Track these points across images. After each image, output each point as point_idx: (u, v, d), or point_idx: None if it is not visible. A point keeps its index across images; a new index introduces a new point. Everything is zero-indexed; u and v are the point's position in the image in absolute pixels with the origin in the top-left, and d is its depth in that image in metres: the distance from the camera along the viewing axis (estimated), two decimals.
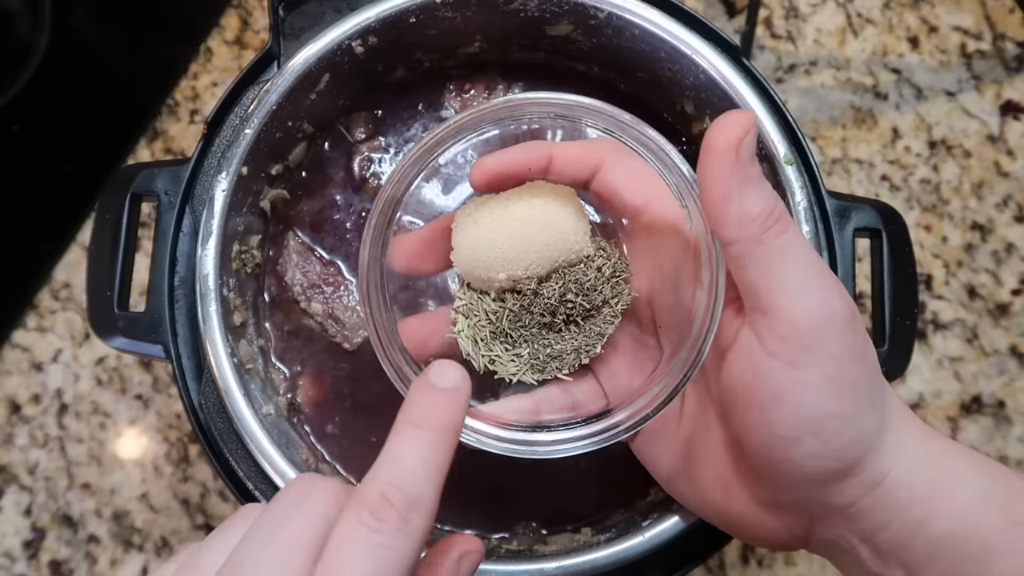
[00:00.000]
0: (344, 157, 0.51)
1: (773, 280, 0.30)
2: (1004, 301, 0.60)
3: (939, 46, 0.65)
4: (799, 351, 0.30)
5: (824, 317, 0.30)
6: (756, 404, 0.31)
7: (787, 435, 0.31)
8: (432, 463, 0.28)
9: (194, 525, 0.56)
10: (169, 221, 0.45)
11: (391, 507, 0.26)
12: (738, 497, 0.34)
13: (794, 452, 0.31)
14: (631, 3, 0.46)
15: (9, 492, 0.57)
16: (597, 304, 0.37)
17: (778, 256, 0.30)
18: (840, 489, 0.32)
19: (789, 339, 0.30)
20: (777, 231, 0.30)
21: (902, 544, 0.31)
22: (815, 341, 0.30)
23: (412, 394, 0.30)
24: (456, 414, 0.29)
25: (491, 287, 0.37)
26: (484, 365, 0.37)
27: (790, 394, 0.30)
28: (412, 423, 0.29)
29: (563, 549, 0.42)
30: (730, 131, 0.30)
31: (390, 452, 0.28)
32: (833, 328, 0.30)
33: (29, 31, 0.63)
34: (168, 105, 0.63)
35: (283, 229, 0.50)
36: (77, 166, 0.62)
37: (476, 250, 0.36)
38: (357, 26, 0.46)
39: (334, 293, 0.49)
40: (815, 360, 0.30)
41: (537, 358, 0.37)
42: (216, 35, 0.65)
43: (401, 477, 0.27)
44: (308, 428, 0.47)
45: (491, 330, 0.37)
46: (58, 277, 0.60)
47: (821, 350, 0.30)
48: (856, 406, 0.31)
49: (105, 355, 0.59)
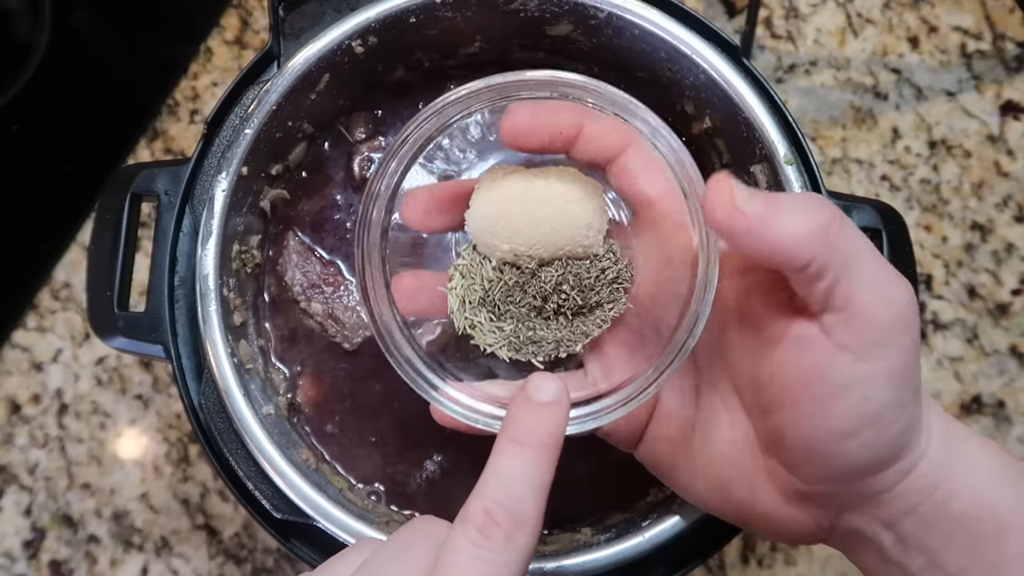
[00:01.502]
0: (344, 157, 0.51)
1: (847, 278, 0.29)
2: (1004, 301, 0.60)
3: (939, 46, 0.65)
4: (874, 345, 0.30)
5: (902, 309, 0.30)
6: (813, 397, 0.30)
7: (845, 427, 0.30)
8: (535, 480, 0.29)
9: (194, 525, 0.56)
10: (169, 221, 0.45)
11: (496, 525, 0.27)
12: (764, 492, 0.34)
13: (850, 444, 0.30)
14: (631, 3, 0.46)
15: (9, 492, 0.57)
16: (591, 304, 0.37)
17: (849, 254, 0.29)
18: (881, 478, 0.32)
19: (866, 333, 0.30)
20: (837, 227, 0.29)
21: (926, 527, 0.32)
22: (892, 334, 0.30)
23: (513, 409, 0.30)
24: (558, 429, 0.30)
25: (494, 255, 0.37)
26: (464, 327, 0.37)
27: (857, 387, 0.30)
28: (514, 440, 0.29)
29: (563, 549, 0.42)
30: (716, 196, 0.30)
31: (493, 469, 0.29)
32: (908, 319, 0.30)
33: (29, 31, 0.63)
34: (168, 105, 0.63)
35: (283, 229, 0.50)
36: (77, 166, 0.62)
37: (489, 214, 0.36)
38: (357, 26, 0.46)
39: (334, 293, 0.49)
40: (887, 353, 0.30)
41: (517, 337, 0.37)
42: (216, 35, 0.65)
43: (506, 495, 0.28)
44: (308, 428, 0.47)
45: (482, 296, 0.37)
46: (58, 277, 0.60)
47: (896, 342, 0.30)
48: (910, 394, 0.31)
49: (105, 355, 0.59)
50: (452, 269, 0.38)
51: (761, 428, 0.34)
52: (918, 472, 0.32)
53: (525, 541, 0.27)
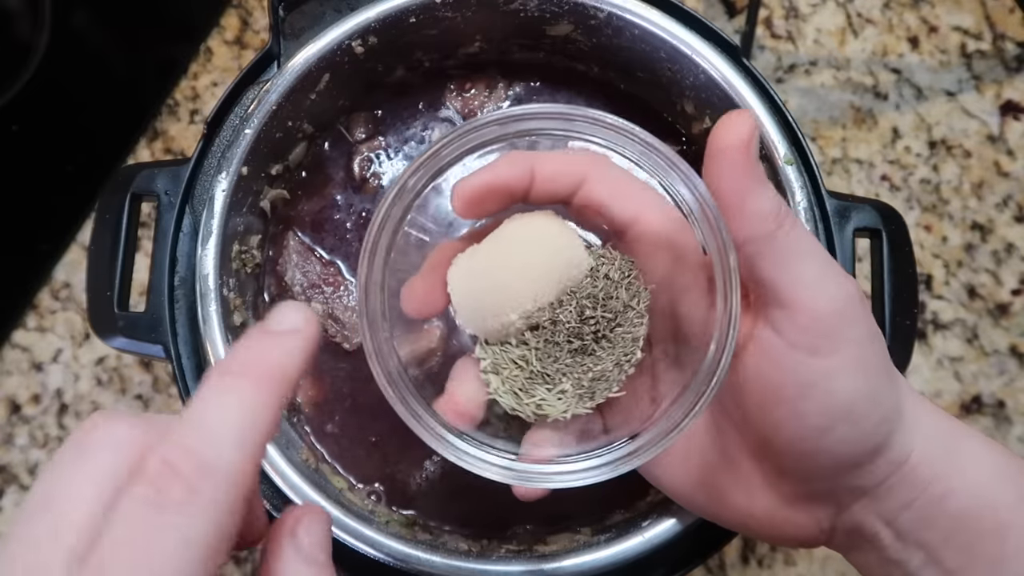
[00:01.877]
0: (344, 157, 0.51)
1: (790, 274, 0.30)
2: (1004, 301, 0.60)
3: (939, 46, 0.65)
4: (823, 339, 0.30)
5: (843, 303, 0.31)
6: (783, 399, 0.31)
7: (819, 424, 0.31)
8: (244, 421, 0.23)
9: None
10: (169, 221, 0.45)
11: (175, 476, 0.21)
12: (762, 498, 0.34)
13: (827, 440, 0.31)
14: (631, 3, 0.46)
15: (9, 492, 0.57)
16: (619, 310, 0.35)
17: (792, 250, 0.30)
18: (870, 471, 0.32)
19: (812, 329, 0.30)
20: (789, 226, 0.30)
21: (924, 523, 0.32)
22: (838, 327, 0.30)
23: (240, 341, 0.25)
24: (287, 361, 0.25)
25: (508, 333, 0.35)
26: (533, 414, 0.36)
27: (819, 383, 0.30)
28: (226, 372, 0.24)
29: (563, 549, 0.42)
30: (738, 130, 0.30)
31: (191, 407, 0.23)
32: (852, 312, 0.31)
33: (29, 31, 0.62)
34: (168, 105, 0.63)
35: (283, 229, 0.49)
36: (77, 166, 0.62)
37: (480, 301, 0.35)
38: (357, 26, 0.46)
39: (334, 293, 0.49)
40: (840, 346, 0.30)
41: (582, 386, 0.35)
42: (216, 35, 0.65)
43: (198, 438, 0.22)
44: (308, 428, 0.47)
45: (525, 377, 0.35)
46: (58, 277, 0.60)
47: (845, 335, 0.30)
48: (880, 385, 0.31)
49: (105, 355, 0.59)
50: (482, 375, 0.36)
51: (747, 436, 0.34)
52: (909, 465, 0.32)
53: (215, 496, 0.21)
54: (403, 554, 0.41)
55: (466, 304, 0.36)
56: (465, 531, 0.45)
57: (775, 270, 0.31)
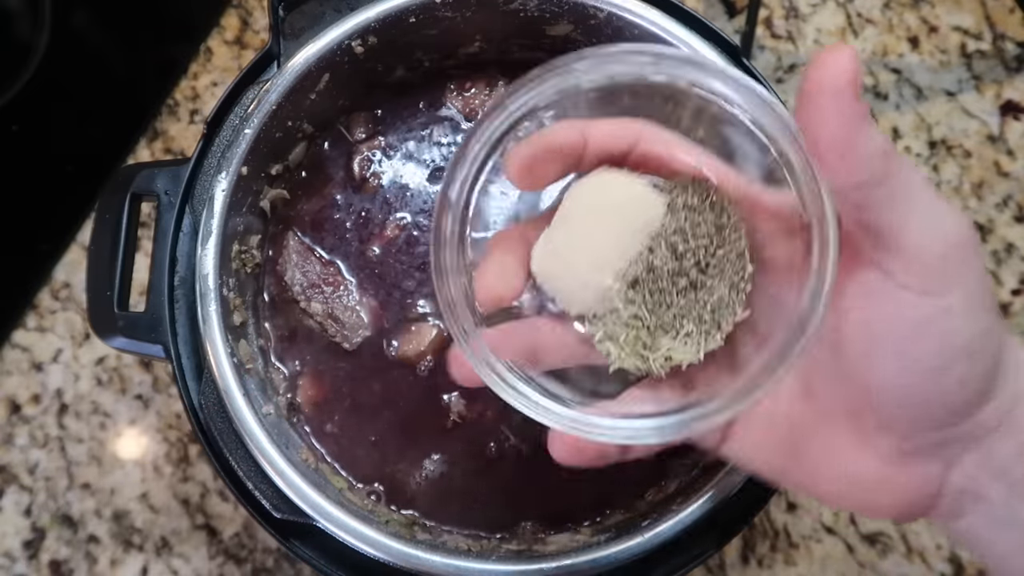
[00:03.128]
0: (344, 157, 0.51)
1: (903, 216, 0.28)
2: (1004, 301, 0.60)
3: (939, 46, 0.65)
4: (940, 278, 0.29)
5: (959, 239, 0.29)
6: (894, 343, 0.29)
7: (936, 365, 0.29)
8: None
9: (194, 525, 0.56)
10: (169, 221, 0.45)
11: None
12: (861, 460, 0.32)
13: (943, 383, 0.29)
14: (631, 3, 0.46)
15: (9, 492, 0.57)
16: (711, 232, 0.33)
17: (904, 190, 0.28)
18: (981, 417, 0.30)
19: (928, 269, 0.29)
20: (898, 165, 0.28)
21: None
22: (955, 265, 0.29)
23: None
24: None
25: (612, 299, 0.34)
26: (662, 367, 0.34)
27: (937, 321, 0.29)
28: None
29: (563, 549, 0.42)
30: (841, 65, 0.28)
31: None
32: (968, 249, 0.29)
33: (29, 31, 0.63)
34: (168, 105, 0.63)
35: (283, 229, 0.50)
36: (77, 166, 0.62)
37: (572, 280, 0.33)
38: (357, 26, 0.46)
39: (334, 293, 0.49)
40: (956, 283, 0.29)
41: (704, 321, 0.33)
42: (216, 35, 0.65)
43: None
44: (308, 428, 0.47)
45: (643, 334, 0.34)
46: (58, 277, 0.60)
47: (961, 272, 0.29)
48: (993, 321, 0.30)
49: (105, 355, 0.59)
50: (600, 348, 0.35)
51: (844, 392, 0.32)
52: (1021, 409, 0.30)
53: None
54: (403, 554, 0.41)
55: (561, 287, 0.34)
56: (465, 531, 0.45)
57: (889, 214, 0.28)
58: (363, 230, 0.49)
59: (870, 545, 0.56)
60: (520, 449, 0.46)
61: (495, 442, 0.47)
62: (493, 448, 0.46)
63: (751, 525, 0.53)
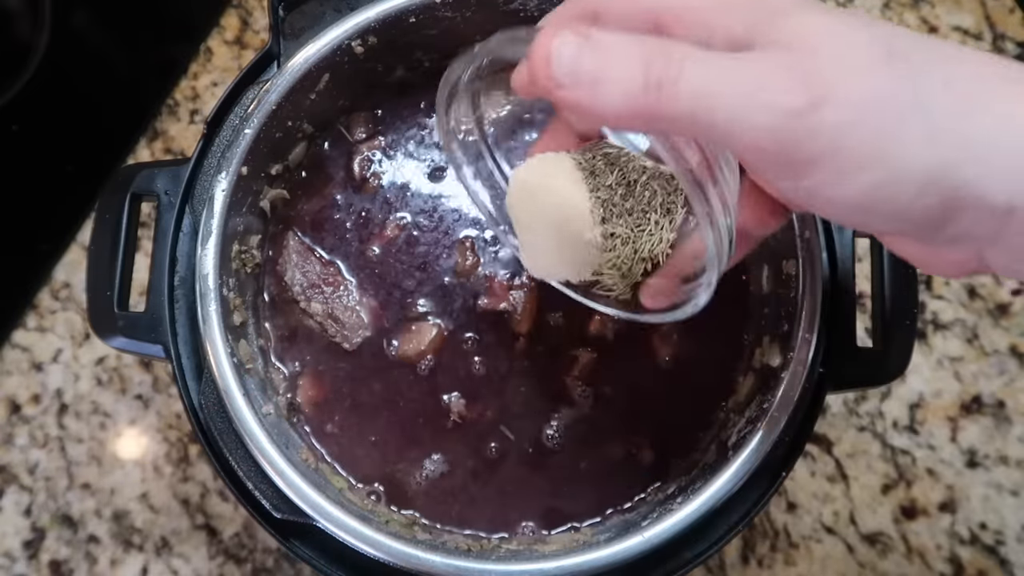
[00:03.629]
0: (344, 157, 0.51)
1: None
2: (1004, 301, 0.60)
3: None
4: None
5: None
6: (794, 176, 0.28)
7: (830, 181, 0.27)
8: None
9: (194, 525, 0.56)
10: (169, 221, 0.45)
11: None
12: (905, 246, 0.32)
13: (865, 200, 0.27)
14: None
15: (9, 492, 0.57)
16: (638, 152, 0.38)
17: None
18: (966, 223, 0.27)
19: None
20: (671, 91, 0.27)
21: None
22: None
23: None
24: None
25: (599, 245, 0.37)
26: (666, 250, 0.38)
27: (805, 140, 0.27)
28: None
29: (563, 549, 0.42)
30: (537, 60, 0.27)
31: None
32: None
33: (29, 31, 0.63)
34: (168, 105, 0.63)
35: (283, 229, 0.50)
36: (77, 166, 0.62)
37: (564, 263, 0.39)
38: (357, 26, 0.46)
39: (334, 293, 0.49)
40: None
41: (678, 197, 0.37)
42: (216, 35, 0.65)
43: None
44: (308, 428, 0.47)
45: (642, 249, 0.37)
46: (58, 277, 0.60)
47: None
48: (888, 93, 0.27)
49: (105, 355, 0.59)
50: (607, 281, 0.39)
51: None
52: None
53: None
54: (403, 554, 0.41)
55: (560, 272, 0.40)
56: (465, 531, 0.46)
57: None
58: (363, 230, 0.49)
59: (870, 545, 0.56)
60: (520, 449, 0.46)
61: (495, 442, 0.47)
62: (493, 448, 0.46)
63: (751, 525, 0.53)
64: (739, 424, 0.44)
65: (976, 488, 0.57)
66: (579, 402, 0.47)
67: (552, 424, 0.47)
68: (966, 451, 0.57)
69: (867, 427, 0.58)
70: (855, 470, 0.57)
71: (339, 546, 0.41)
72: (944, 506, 0.57)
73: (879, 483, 0.57)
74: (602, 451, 0.47)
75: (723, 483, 0.41)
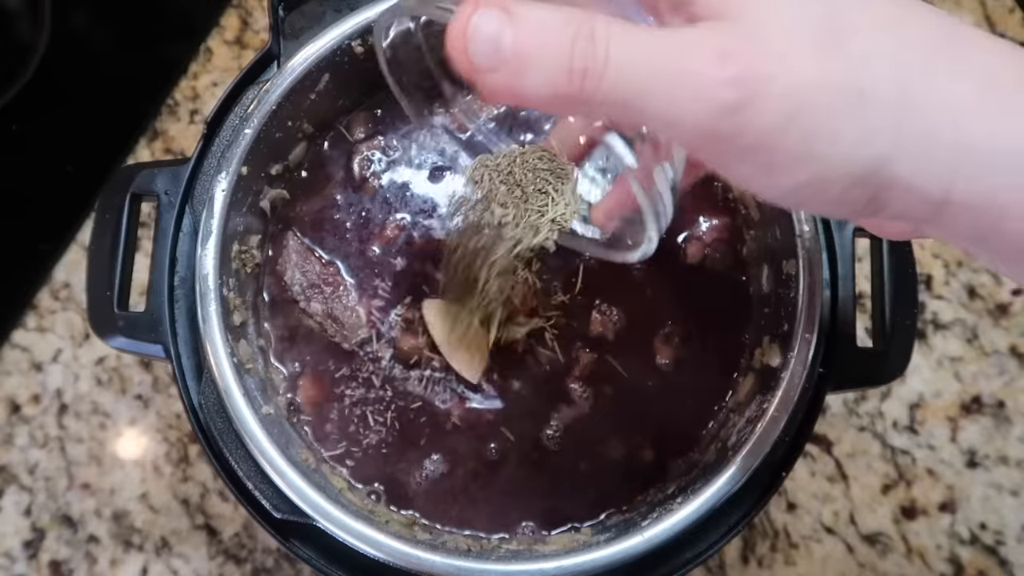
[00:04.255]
0: (344, 157, 0.51)
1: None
2: (1004, 301, 0.60)
3: None
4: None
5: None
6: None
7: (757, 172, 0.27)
8: None
9: (194, 525, 0.56)
10: (169, 221, 0.45)
11: None
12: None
13: (789, 195, 0.27)
14: None
15: (9, 492, 0.57)
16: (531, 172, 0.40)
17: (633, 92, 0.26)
18: (894, 206, 0.27)
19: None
20: (595, 76, 0.25)
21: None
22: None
23: None
24: None
25: (505, 246, 0.41)
26: (572, 202, 0.40)
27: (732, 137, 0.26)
28: None
29: (563, 549, 0.42)
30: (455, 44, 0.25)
31: None
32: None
33: (29, 31, 0.63)
34: (168, 105, 0.63)
35: (283, 229, 0.49)
36: (77, 166, 0.62)
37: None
38: (357, 26, 0.46)
39: (333, 293, 0.49)
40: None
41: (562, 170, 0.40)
42: (216, 35, 0.65)
43: None
44: (308, 428, 0.47)
45: (543, 217, 0.40)
46: (58, 277, 0.60)
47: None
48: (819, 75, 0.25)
49: (105, 355, 0.59)
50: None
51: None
52: (958, 194, 0.26)
53: None
54: (403, 554, 0.41)
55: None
56: (465, 531, 0.46)
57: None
58: (363, 230, 0.49)
59: (870, 545, 0.56)
60: (520, 450, 0.46)
61: (495, 442, 0.47)
62: (493, 449, 0.46)
63: (751, 525, 0.53)
64: (739, 424, 0.44)
65: (976, 488, 0.57)
66: (579, 402, 0.47)
67: (552, 424, 0.47)
68: (966, 451, 0.57)
69: (867, 427, 0.58)
70: (855, 470, 0.57)
71: (339, 546, 0.41)
72: (944, 506, 0.57)
73: (879, 483, 0.57)
74: (602, 451, 0.47)
75: (723, 483, 0.41)
